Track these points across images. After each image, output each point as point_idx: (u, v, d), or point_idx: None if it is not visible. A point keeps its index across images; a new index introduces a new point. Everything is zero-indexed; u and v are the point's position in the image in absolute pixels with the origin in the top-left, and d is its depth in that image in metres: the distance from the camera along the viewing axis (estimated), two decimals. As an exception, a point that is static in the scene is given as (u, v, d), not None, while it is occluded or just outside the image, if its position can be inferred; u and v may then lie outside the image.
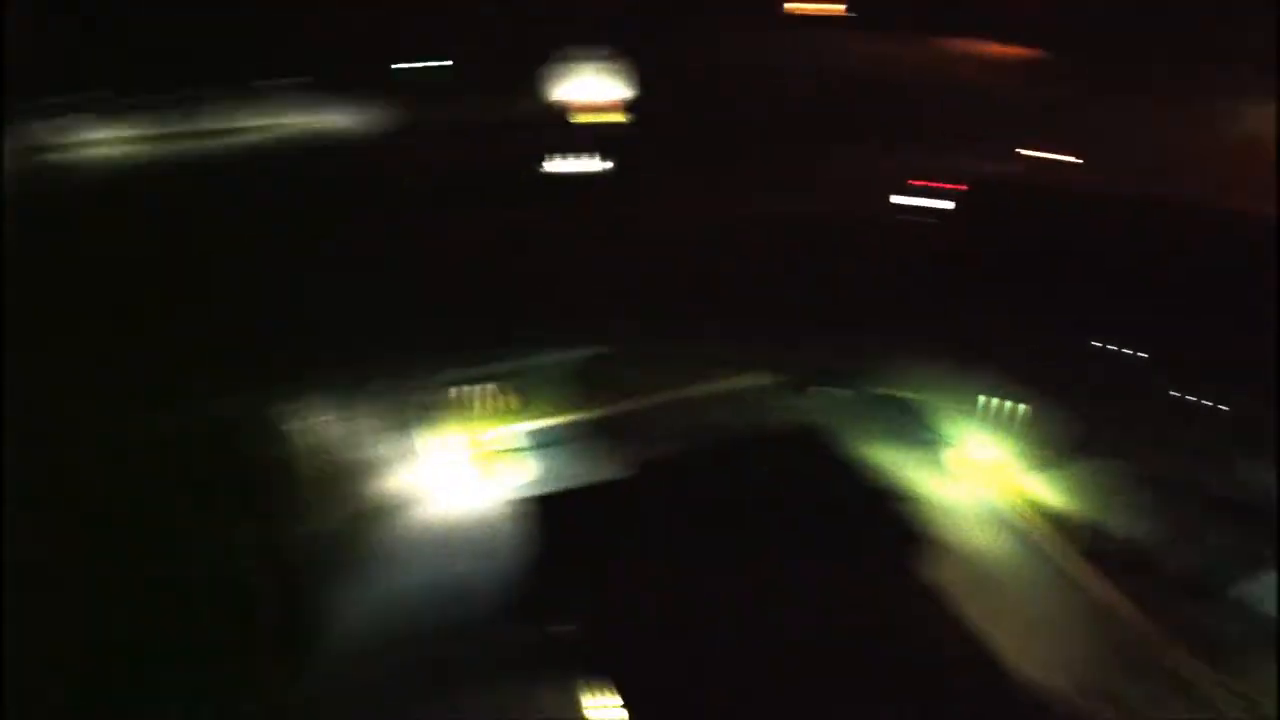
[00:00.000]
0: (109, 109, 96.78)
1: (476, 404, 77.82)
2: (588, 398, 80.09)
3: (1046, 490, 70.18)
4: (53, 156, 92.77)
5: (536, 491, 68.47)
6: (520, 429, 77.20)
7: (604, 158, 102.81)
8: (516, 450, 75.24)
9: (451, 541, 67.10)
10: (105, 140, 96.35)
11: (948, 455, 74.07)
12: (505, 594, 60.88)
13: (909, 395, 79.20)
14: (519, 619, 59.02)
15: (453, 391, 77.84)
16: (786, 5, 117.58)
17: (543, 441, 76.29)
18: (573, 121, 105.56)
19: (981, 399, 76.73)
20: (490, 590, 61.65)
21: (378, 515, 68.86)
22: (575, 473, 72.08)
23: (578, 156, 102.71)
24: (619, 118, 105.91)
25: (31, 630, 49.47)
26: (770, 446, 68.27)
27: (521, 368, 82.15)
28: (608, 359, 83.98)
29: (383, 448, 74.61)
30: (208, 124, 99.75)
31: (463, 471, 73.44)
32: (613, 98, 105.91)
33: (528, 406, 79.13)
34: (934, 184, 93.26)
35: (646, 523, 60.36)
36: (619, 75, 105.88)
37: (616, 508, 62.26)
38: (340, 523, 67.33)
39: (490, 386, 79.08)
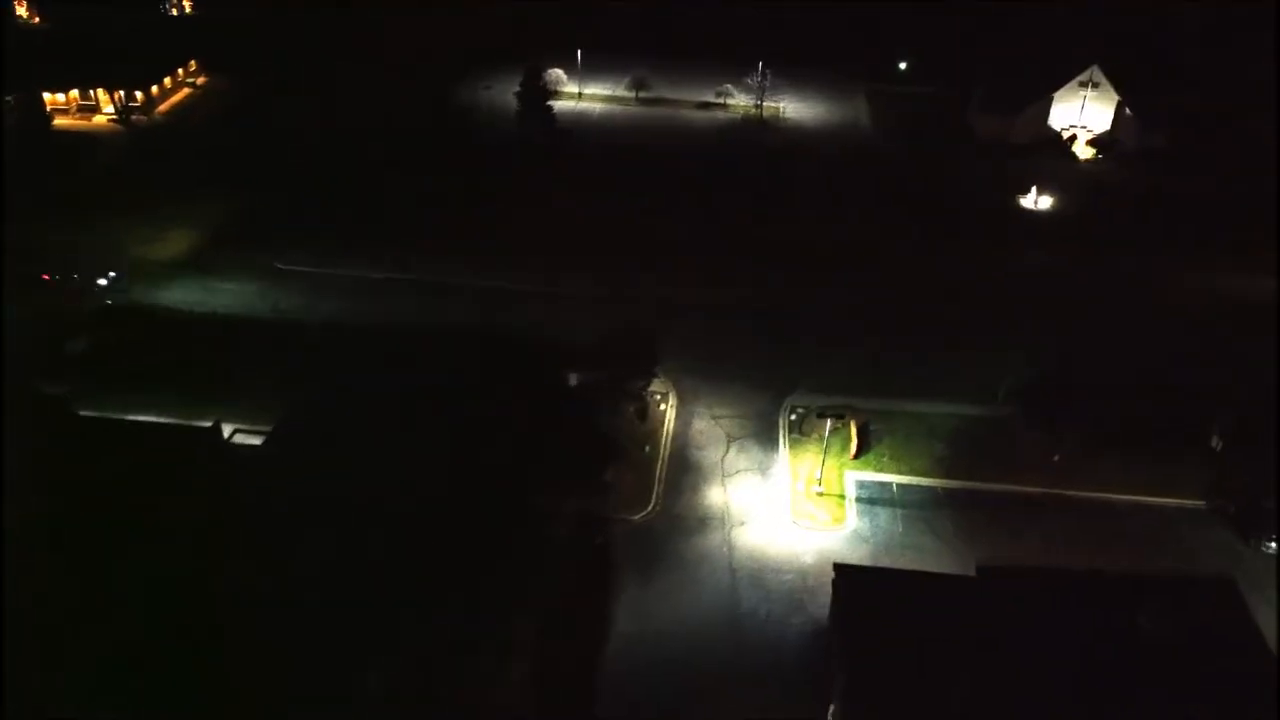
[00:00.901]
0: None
1: (840, 435, 67.16)
2: (962, 464, 67.09)
3: None
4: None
5: (854, 558, 57.91)
6: (868, 478, 66.05)
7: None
8: (854, 500, 64.13)
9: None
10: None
11: None
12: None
13: None
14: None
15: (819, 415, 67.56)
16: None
17: (888, 500, 64.59)
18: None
19: None
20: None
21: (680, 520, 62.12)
22: (912, 546, 60.58)
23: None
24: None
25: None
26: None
27: (898, 410, 70.81)
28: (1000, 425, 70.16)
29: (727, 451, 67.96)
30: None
31: (780, 503, 63.93)
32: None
33: (891, 456, 67.69)
34: None
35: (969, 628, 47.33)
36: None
37: (943, 604, 49.55)
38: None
39: (859, 420, 68.54)
